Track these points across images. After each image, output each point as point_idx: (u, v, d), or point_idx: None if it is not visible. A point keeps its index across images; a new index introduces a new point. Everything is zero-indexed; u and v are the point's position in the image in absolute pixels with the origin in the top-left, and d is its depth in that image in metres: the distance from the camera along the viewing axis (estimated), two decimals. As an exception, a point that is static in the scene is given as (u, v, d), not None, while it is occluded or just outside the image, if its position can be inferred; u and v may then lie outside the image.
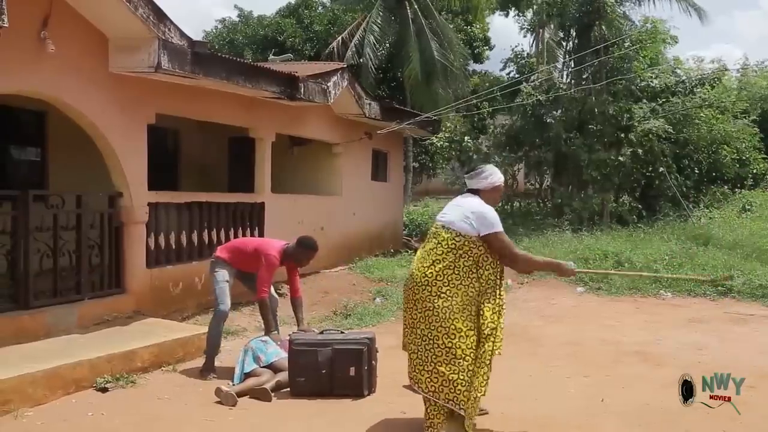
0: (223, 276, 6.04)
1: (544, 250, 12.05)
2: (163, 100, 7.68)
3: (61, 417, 4.80)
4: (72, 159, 8.55)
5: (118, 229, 7.23)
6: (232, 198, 9.30)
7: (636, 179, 16.32)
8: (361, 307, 8.78)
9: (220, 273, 6.06)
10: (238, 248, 6.27)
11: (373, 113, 11.89)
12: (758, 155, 18.25)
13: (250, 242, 6.61)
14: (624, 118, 15.98)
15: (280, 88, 8.87)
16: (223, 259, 6.13)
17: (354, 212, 12.55)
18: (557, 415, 4.79)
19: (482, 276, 4.21)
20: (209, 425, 4.70)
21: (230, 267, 6.11)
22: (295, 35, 26.58)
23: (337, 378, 5.18)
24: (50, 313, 6.32)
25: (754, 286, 9.32)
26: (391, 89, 25.35)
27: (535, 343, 6.98)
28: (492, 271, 4.25)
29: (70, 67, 6.46)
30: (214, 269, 6.12)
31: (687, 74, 17.44)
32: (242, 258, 6.11)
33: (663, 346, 6.83)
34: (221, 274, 6.05)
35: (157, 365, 5.99)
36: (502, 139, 18.06)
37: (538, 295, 9.75)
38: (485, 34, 28.62)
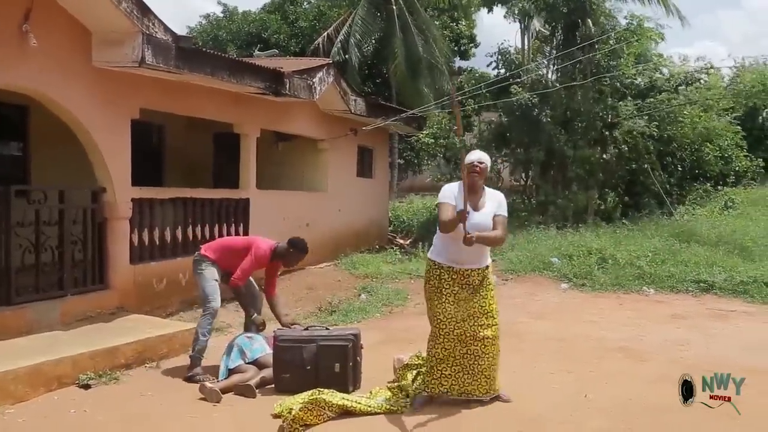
0: (212, 274, 5.88)
1: (528, 247, 12.11)
2: (147, 96, 7.63)
3: (43, 414, 4.77)
4: (55, 154, 8.48)
5: (101, 225, 7.19)
6: (217, 194, 9.26)
7: (620, 176, 16.41)
8: (346, 304, 8.78)
9: (208, 271, 5.89)
10: (226, 247, 6.12)
11: (359, 109, 11.88)
12: (740, 153, 18.41)
13: (239, 240, 6.50)
14: (609, 116, 16.06)
15: (265, 84, 8.85)
16: (209, 259, 5.96)
17: (339, 208, 12.54)
18: (541, 411, 4.82)
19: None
20: (193, 422, 4.68)
21: (217, 267, 5.94)
22: (280, 31, 26.51)
23: (322, 374, 5.16)
24: (32, 309, 6.27)
25: (736, 282, 9.40)
26: (376, 86, 25.35)
27: (519, 339, 7.00)
28: None
29: (53, 61, 6.40)
30: (200, 267, 5.93)
31: (672, 72, 17.54)
32: (230, 257, 5.94)
33: (646, 342, 6.88)
34: (210, 272, 5.89)
35: (140, 362, 5.96)
36: (488, 136, 18.09)
37: (522, 292, 9.79)
38: (471, 32, 28.66)
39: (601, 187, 16.57)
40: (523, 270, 10.96)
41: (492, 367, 4.89)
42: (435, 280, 4.90)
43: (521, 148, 17.35)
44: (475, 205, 4.83)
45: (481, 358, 4.84)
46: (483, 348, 4.84)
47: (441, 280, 4.87)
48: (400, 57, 21.38)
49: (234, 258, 5.91)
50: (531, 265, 11.05)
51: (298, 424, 4.42)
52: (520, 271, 10.96)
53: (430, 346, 4.91)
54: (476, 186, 4.88)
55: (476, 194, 4.89)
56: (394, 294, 9.36)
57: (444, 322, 4.81)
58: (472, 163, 4.88)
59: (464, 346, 4.84)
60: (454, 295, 4.83)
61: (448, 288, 4.84)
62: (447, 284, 4.85)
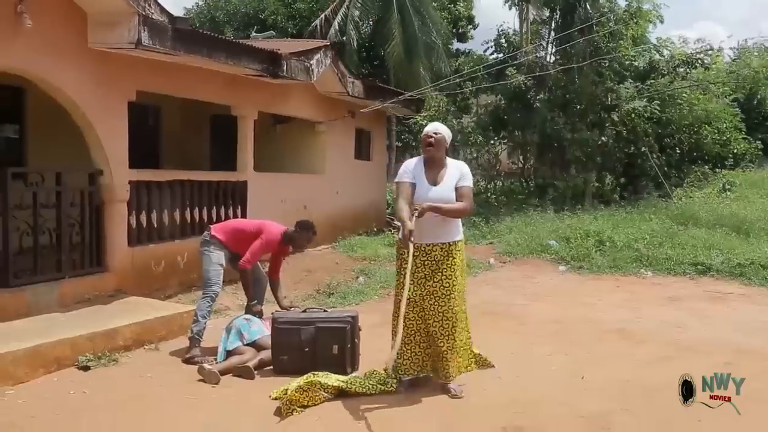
0: (219, 258, 5.84)
1: (526, 230, 12.13)
2: (144, 77, 7.59)
3: (43, 395, 4.78)
4: (51, 136, 8.45)
5: (99, 207, 7.17)
6: (215, 176, 9.23)
7: (618, 159, 16.38)
8: (344, 286, 8.79)
9: (215, 255, 5.84)
10: (238, 230, 6.06)
11: (357, 91, 11.83)
12: (739, 135, 18.37)
13: (250, 224, 6.35)
14: (609, 98, 16.01)
15: (262, 66, 8.80)
16: (219, 240, 5.90)
17: (337, 191, 12.52)
18: (538, 392, 4.84)
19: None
20: (192, 403, 4.70)
21: (227, 250, 5.91)
22: (277, 13, 26.30)
23: (320, 356, 5.17)
24: (31, 291, 6.27)
25: (733, 264, 9.42)
26: (374, 68, 25.20)
27: (517, 322, 7.03)
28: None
29: (48, 43, 6.35)
30: (208, 248, 5.87)
31: (673, 53, 17.44)
32: (241, 240, 5.90)
33: (643, 324, 6.90)
34: (216, 256, 5.84)
35: (139, 343, 5.97)
36: (486, 119, 18.04)
37: (520, 274, 9.81)
38: (470, 13, 28.47)
39: (600, 169, 16.56)
40: (521, 252, 10.98)
41: (450, 351, 4.71)
42: (400, 258, 4.80)
43: (518, 131, 17.32)
44: (434, 179, 4.70)
45: (440, 340, 4.69)
46: (441, 330, 4.69)
47: (402, 256, 4.71)
48: (397, 38, 21.27)
49: (244, 241, 5.88)
50: (529, 248, 11.07)
51: (295, 405, 4.45)
52: (517, 253, 10.98)
53: (394, 325, 4.77)
54: (435, 159, 4.73)
55: (436, 167, 4.74)
56: (392, 276, 9.33)
57: (403, 301, 4.57)
58: (427, 134, 4.74)
59: (425, 325, 4.73)
60: (413, 274, 4.59)
61: (408, 265, 4.58)
62: (407, 261, 4.58)
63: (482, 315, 7.13)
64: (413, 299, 4.67)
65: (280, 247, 6.06)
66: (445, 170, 4.76)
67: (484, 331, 6.06)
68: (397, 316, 4.69)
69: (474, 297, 8.18)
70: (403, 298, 4.50)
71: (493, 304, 7.85)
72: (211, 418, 4.40)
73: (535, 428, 4.20)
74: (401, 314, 4.56)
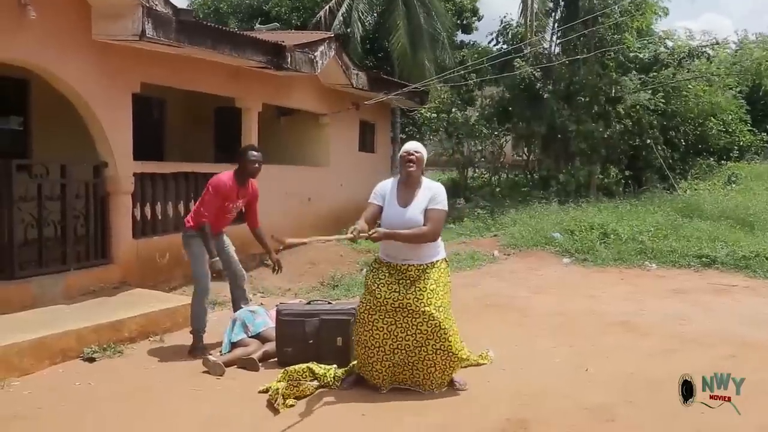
0: (201, 250, 5.58)
1: (530, 222, 12.11)
2: (148, 69, 7.58)
3: (49, 386, 4.81)
4: (56, 128, 8.45)
5: (103, 199, 7.18)
6: (219, 169, 9.14)
7: (623, 151, 16.34)
8: (348, 278, 8.81)
9: (196, 246, 5.61)
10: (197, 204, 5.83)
11: (361, 83, 11.81)
12: (744, 127, 18.31)
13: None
14: (613, 90, 15.95)
15: (266, 58, 8.79)
16: (192, 228, 5.65)
17: (341, 183, 12.51)
18: (542, 384, 4.84)
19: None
20: (197, 394, 4.72)
21: (204, 233, 5.54)
22: (282, 4, 26.19)
23: (324, 348, 5.19)
24: (36, 283, 6.29)
25: (738, 257, 9.40)
26: (378, 60, 25.11)
27: (521, 314, 7.03)
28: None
29: (53, 34, 6.35)
30: (187, 242, 5.70)
31: (677, 45, 17.37)
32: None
33: (647, 316, 6.89)
34: (198, 247, 5.60)
35: (144, 335, 6.00)
36: (491, 111, 18.00)
37: (524, 267, 9.80)
38: (474, 5, 28.35)
39: (604, 161, 16.51)
40: (525, 245, 10.97)
41: (421, 362, 4.60)
42: (371, 272, 4.76)
43: (523, 123, 17.27)
44: (405, 201, 4.62)
45: (411, 352, 4.59)
46: (414, 342, 4.58)
47: (376, 271, 4.71)
48: (402, 30, 21.16)
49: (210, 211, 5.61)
50: (533, 240, 11.05)
51: (291, 396, 4.50)
52: (522, 246, 10.97)
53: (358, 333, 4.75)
54: (412, 178, 4.64)
55: (410, 188, 4.65)
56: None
57: (367, 312, 4.64)
58: (408, 152, 4.64)
59: (398, 338, 4.61)
60: (386, 286, 4.59)
61: (382, 279, 4.62)
62: (382, 274, 4.64)
63: (486, 307, 7.14)
64: (386, 308, 4.59)
65: (238, 189, 5.73)
66: (419, 191, 4.66)
67: (488, 324, 6.07)
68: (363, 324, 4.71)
69: (478, 289, 8.23)
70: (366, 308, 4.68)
71: (497, 296, 7.86)
72: (216, 410, 4.42)
73: (539, 420, 4.21)
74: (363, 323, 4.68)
